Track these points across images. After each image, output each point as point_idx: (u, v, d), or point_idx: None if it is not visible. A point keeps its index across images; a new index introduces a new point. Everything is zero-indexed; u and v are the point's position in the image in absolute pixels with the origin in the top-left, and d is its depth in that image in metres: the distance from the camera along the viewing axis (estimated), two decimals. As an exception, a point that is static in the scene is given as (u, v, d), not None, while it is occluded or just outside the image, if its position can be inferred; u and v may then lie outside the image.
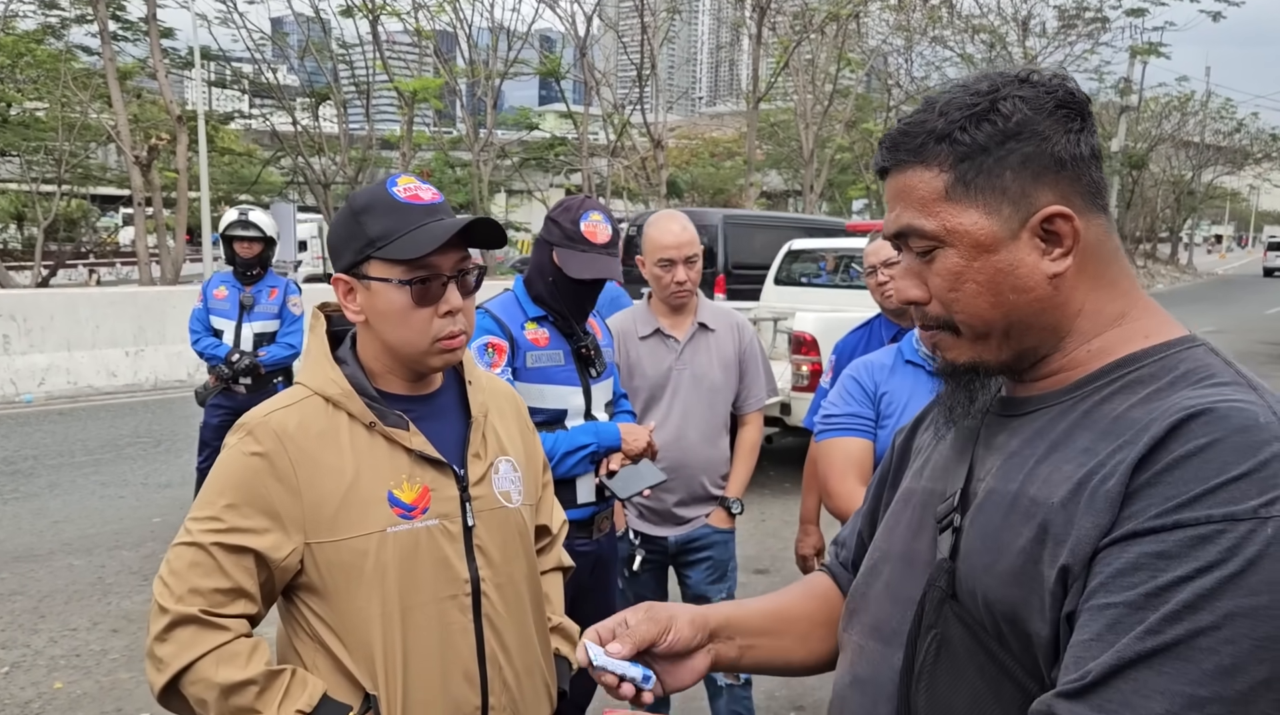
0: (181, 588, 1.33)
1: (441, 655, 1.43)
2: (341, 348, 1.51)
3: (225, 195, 25.24)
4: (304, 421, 1.41)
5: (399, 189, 1.43)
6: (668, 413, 2.86)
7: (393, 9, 19.37)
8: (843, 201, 33.03)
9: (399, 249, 1.38)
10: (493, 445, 1.56)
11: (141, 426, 8.42)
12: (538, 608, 1.61)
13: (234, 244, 4.94)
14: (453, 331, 1.44)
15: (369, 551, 1.38)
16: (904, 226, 0.93)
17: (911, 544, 0.99)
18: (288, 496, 1.37)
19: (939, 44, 25.35)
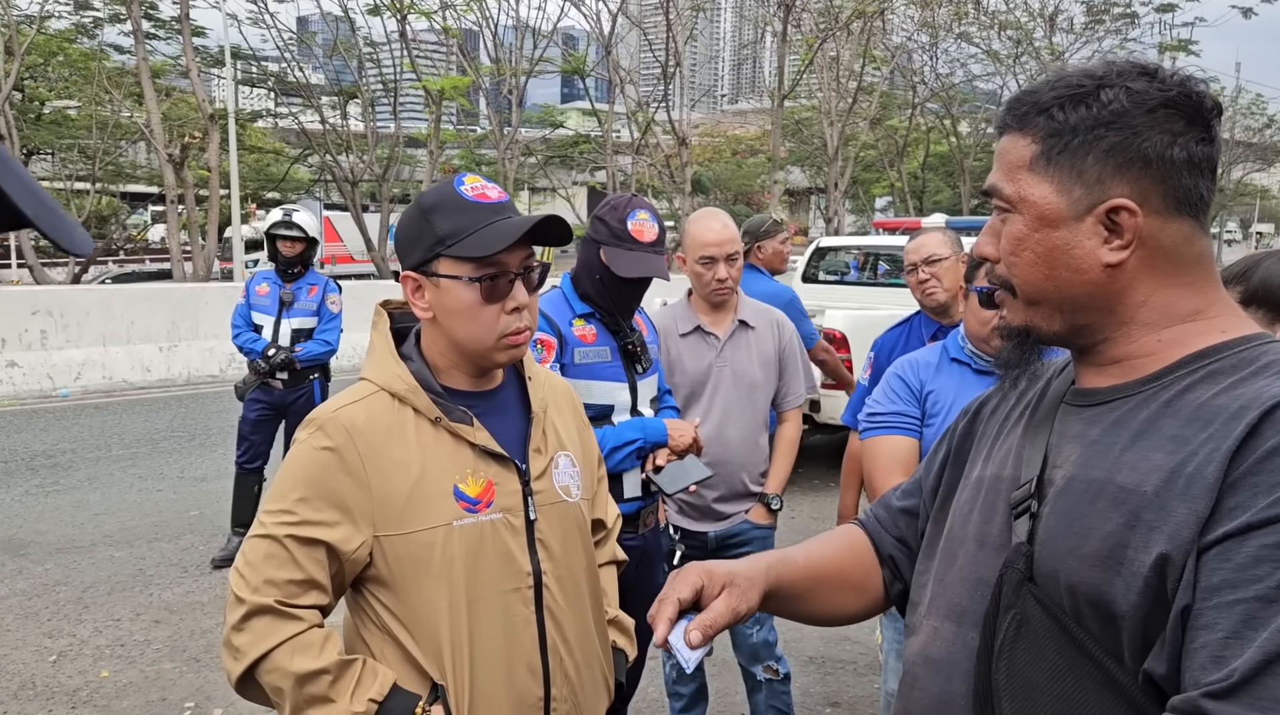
0: (257, 579, 1.36)
1: (506, 647, 1.45)
2: (406, 344, 1.54)
3: (253, 193, 25.47)
4: (372, 416, 1.43)
5: (466, 188, 1.45)
6: (708, 409, 2.89)
7: (420, 8, 19.47)
8: (866, 199, 32.89)
9: (469, 247, 1.41)
10: (552, 440, 1.59)
11: (176, 421, 8.53)
12: (596, 601, 1.63)
13: (277, 242, 5.02)
14: (519, 327, 1.46)
15: (436, 544, 1.41)
16: (990, 185, 0.98)
17: (984, 529, 1.01)
18: (357, 490, 1.39)
19: (964, 40, 25.15)
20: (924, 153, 30.05)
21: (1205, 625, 0.77)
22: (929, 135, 29.59)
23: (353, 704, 1.35)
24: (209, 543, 5.21)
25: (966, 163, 28.24)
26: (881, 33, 23.69)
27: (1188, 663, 0.77)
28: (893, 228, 10.60)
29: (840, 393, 6.16)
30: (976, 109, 29.88)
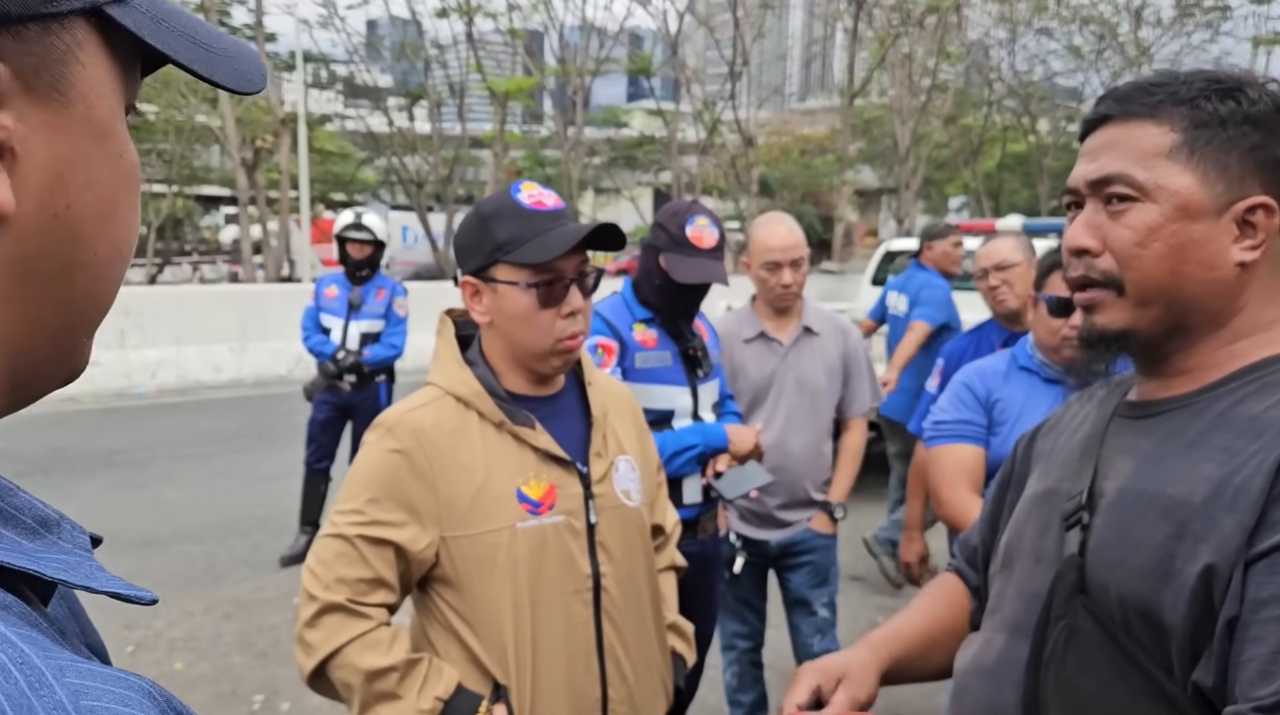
0: (329, 577, 1.41)
1: (566, 648, 1.47)
2: (470, 349, 1.58)
3: (321, 195, 26.09)
4: (438, 420, 1.47)
5: (523, 196, 1.49)
6: (771, 416, 2.83)
7: (487, 10, 19.69)
8: (939, 199, 32.27)
9: (526, 253, 1.44)
10: (612, 445, 1.60)
11: (246, 421, 8.73)
12: (655, 605, 1.64)
13: (346, 245, 5.08)
14: (573, 331, 1.49)
15: (500, 545, 1.44)
16: (1112, 173, 0.93)
17: (1038, 542, 1.02)
18: (425, 491, 1.43)
19: (1045, 35, 24.49)
20: (1000, 152, 29.37)
21: (1253, 639, 0.77)
22: (1005, 134, 28.90)
23: (419, 701, 1.38)
24: (277, 540, 5.30)
25: (1045, 162, 27.50)
26: (957, 28, 23.19)
27: (1236, 675, 0.77)
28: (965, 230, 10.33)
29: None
30: (1056, 107, 29.07)
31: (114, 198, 0.43)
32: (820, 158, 31.00)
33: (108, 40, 0.42)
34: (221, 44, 0.48)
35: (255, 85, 0.49)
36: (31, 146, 0.39)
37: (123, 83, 0.44)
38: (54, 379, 0.45)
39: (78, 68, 0.41)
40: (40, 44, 0.39)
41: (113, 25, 0.42)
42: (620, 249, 1.56)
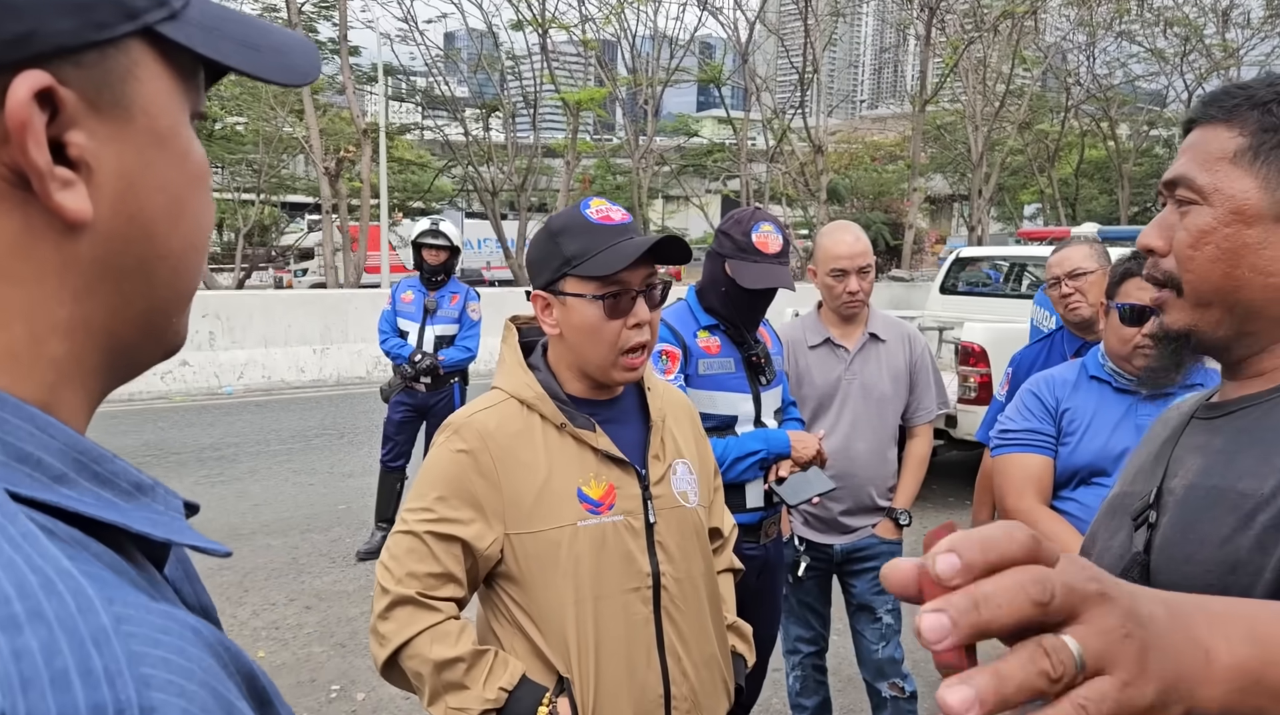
0: (400, 571, 1.47)
1: (627, 644, 1.51)
2: (533, 355, 1.64)
3: (399, 203, 26.71)
4: (502, 422, 1.53)
5: (591, 211, 1.55)
6: (835, 422, 2.87)
7: (561, 22, 19.98)
8: (1013, 206, 31.57)
9: (593, 267, 1.50)
10: (670, 448, 1.65)
11: (327, 419, 9.04)
12: (714, 604, 1.67)
13: (423, 251, 5.26)
14: (639, 342, 1.54)
15: (562, 543, 1.49)
16: (1178, 175, 0.95)
17: (1109, 543, 1.02)
18: (490, 490, 1.49)
19: (1126, 38, 23.79)
20: (1078, 158, 28.61)
21: None
22: (1083, 139, 28.14)
23: (485, 691, 1.43)
24: (355, 535, 5.50)
25: (1125, 168, 26.71)
26: (1033, 33, 22.71)
27: None
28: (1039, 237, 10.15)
29: (977, 408, 5.96)
30: (1138, 111, 28.19)
31: (182, 198, 0.49)
32: (890, 164, 30.61)
33: (164, 54, 0.47)
34: (272, 41, 0.53)
35: (306, 77, 0.55)
36: (102, 159, 0.45)
37: (183, 91, 0.49)
38: (151, 356, 0.52)
39: (136, 84, 0.46)
40: (100, 68, 0.44)
41: (166, 41, 0.47)
42: (685, 262, 1.60)
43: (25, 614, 0.34)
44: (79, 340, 0.47)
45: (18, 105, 0.41)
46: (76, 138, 0.44)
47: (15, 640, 0.33)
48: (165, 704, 0.36)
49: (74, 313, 0.46)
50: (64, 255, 0.45)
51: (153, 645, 0.37)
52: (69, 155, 0.44)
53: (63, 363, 0.46)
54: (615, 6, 20.92)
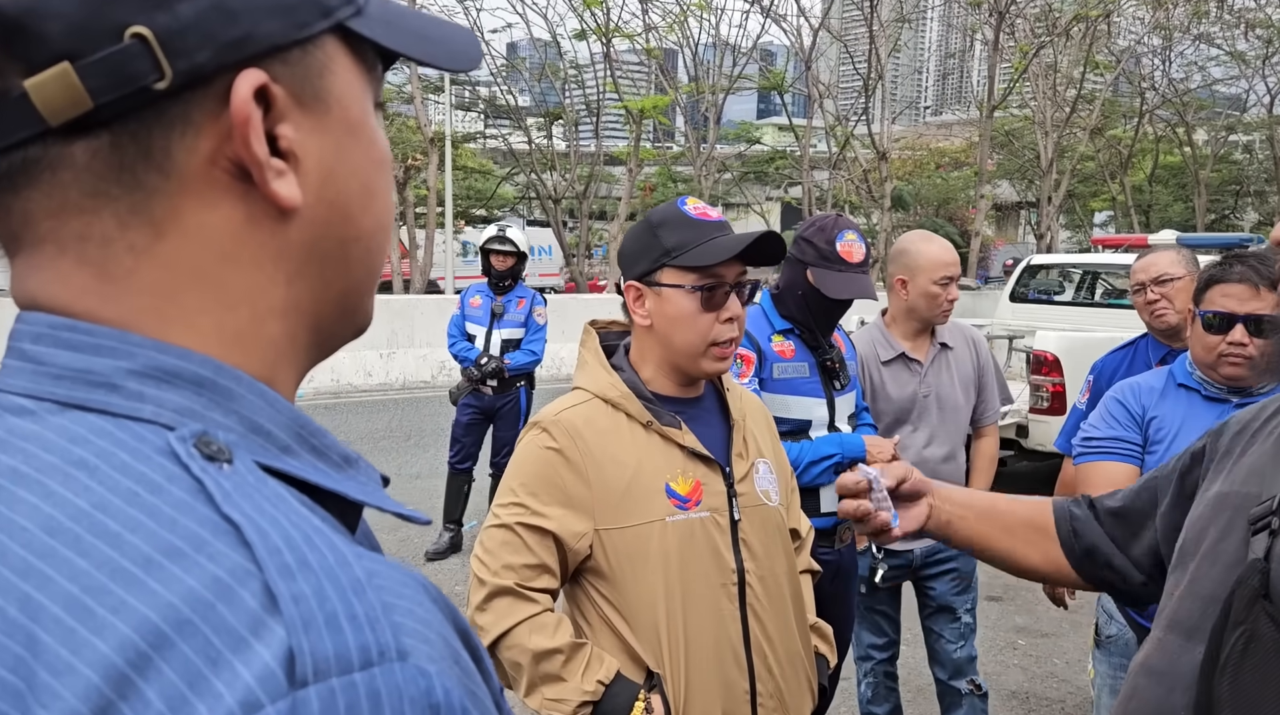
0: (496, 564, 1.49)
1: (716, 640, 1.52)
2: (616, 356, 1.66)
3: (463, 211, 27.11)
4: (590, 419, 1.55)
5: (690, 207, 1.58)
6: (912, 435, 2.86)
7: (624, 31, 20.11)
8: (1083, 213, 30.84)
9: (694, 257, 1.53)
10: (752, 447, 1.67)
11: (394, 422, 9.20)
12: (798, 603, 1.68)
13: (490, 257, 5.34)
14: (730, 336, 1.56)
15: (652, 537, 1.50)
16: None
17: (1219, 545, 1.01)
18: (580, 486, 1.50)
19: (1204, 41, 23.09)
20: (1152, 164, 27.83)
21: None
22: (1158, 145, 27.38)
23: (583, 684, 1.44)
24: (422, 536, 5.59)
25: (1202, 174, 25.90)
26: (1106, 36, 22.17)
27: None
28: (1115, 244, 9.90)
29: (1049, 418, 5.84)
30: (1216, 115, 27.33)
31: (372, 181, 0.53)
32: (955, 171, 30.14)
33: (352, 48, 0.51)
34: (440, 31, 0.57)
35: (472, 62, 0.58)
36: (307, 149, 0.48)
37: (368, 81, 0.53)
38: (345, 334, 0.56)
39: (332, 77, 0.50)
40: (302, 64, 0.48)
41: (355, 35, 0.50)
42: (778, 262, 1.63)
43: (296, 564, 0.38)
44: (292, 321, 0.51)
45: (241, 103, 0.45)
46: (285, 130, 0.47)
47: (292, 586, 0.37)
48: (415, 649, 0.39)
49: (287, 295, 0.50)
50: (278, 241, 0.49)
51: (397, 597, 0.41)
52: (279, 147, 0.47)
53: (280, 342, 0.50)
54: (678, 15, 20.99)
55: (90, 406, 0.43)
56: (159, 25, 0.43)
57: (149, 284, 0.46)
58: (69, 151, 0.44)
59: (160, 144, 0.45)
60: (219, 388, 0.45)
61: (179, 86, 0.44)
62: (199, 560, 0.37)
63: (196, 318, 0.47)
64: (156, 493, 0.39)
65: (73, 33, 0.42)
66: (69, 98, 0.42)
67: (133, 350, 0.44)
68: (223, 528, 0.39)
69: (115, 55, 0.42)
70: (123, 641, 0.34)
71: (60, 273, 0.46)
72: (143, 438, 0.42)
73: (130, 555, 0.37)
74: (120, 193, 0.45)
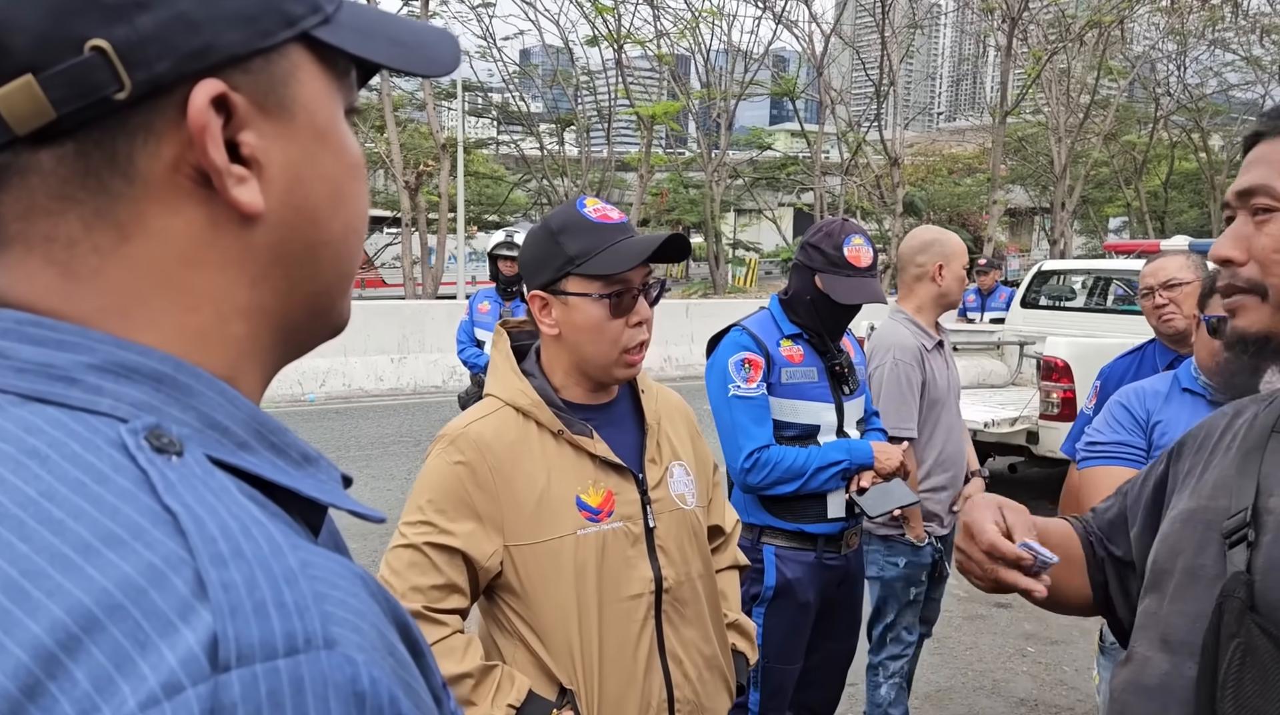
0: (403, 586, 1.43)
1: (631, 651, 1.50)
2: (526, 361, 1.60)
3: (475, 216, 27.21)
4: (499, 431, 1.50)
5: (589, 210, 1.52)
6: (953, 422, 2.93)
7: (636, 37, 20.16)
8: (1097, 219, 30.71)
9: (598, 265, 1.47)
10: (666, 451, 1.63)
11: (404, 427, 9.23)
12: (714, 605, 1.66)
13: (498, 262, 5.37)
14: (641, 340, 1.53)
15: (563, 552, 1.46)
16: (1255, 184, 0.97)
17: (1195, 560, 1.01)
18: (488, 501, 1.46)
19: (1219, 47, 22.98)
20: (1167, 170, 27.70)
21: None
22: (1173, 151, 27.24)
23: (493, 708, 1.41)
24: (431, 540, 5.61)
25: (1218, 180, 25.76)
26: (1120, 42, 22.09)
27: None
28: (1127, 250, 9.86)
29: (1059, 424, 5.81)
30: (1231, 121, 27.18)
31: (341, 186, 0.54)
32: (968, 177, 30.06)
33: (320, 56, 0.52)
34: (416, 36, 0.57)
35: (448, 67, 0.58)
36: (271, 155, 0.49)
37: (338, 88, 0.53)
38: (317, 335, 0.57)
39: (297, 85, 0.50)
40: (265, 72, 0.49)
41: (321, 44, 0.51)
42: (684, 259, 1.58)
43: (229, 553, 0.39)
44: (257, 321, 0.52)
45: (197, 112, 0.46)
46: (248, 137, 0.48)
47: (223, 574, 0.38)
48: (343, 637, 0.40)
49: (252, 296, 0.51)
50: (242, 244, 0.50)
51: (331, 587, 0.41)
52: (242, 154, 0.48)
53: (244, 342, 0.51)
54: (690, 21, 21.03)
55: (49, 399, 0.44)
56: (118, 38, 0.44)
57: (113, 284, 0.47)
58: (36, 158, 0.45)
59: (124, 151, 0.46)
60: (178, 384, 0.46)
61: (140, 96, 0.45)
62: (136, 547, 0.38)
63: (159, 317, 0.48)
64: (102, 482, 0.40)
65: (35, 45, 0.43)
66: (33, 108, 0.44)
67: (94, 346, 0.45)
68: (162, 517, 0.39)
69: (76, 67, 0.44)
70: (54, 623, 0.35)
71: (27, 271, 0.47)
72: (96, 430, 0.43)
73: (70, 541, 0.38)
74: (86, 197, 0.46)
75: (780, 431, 2.42)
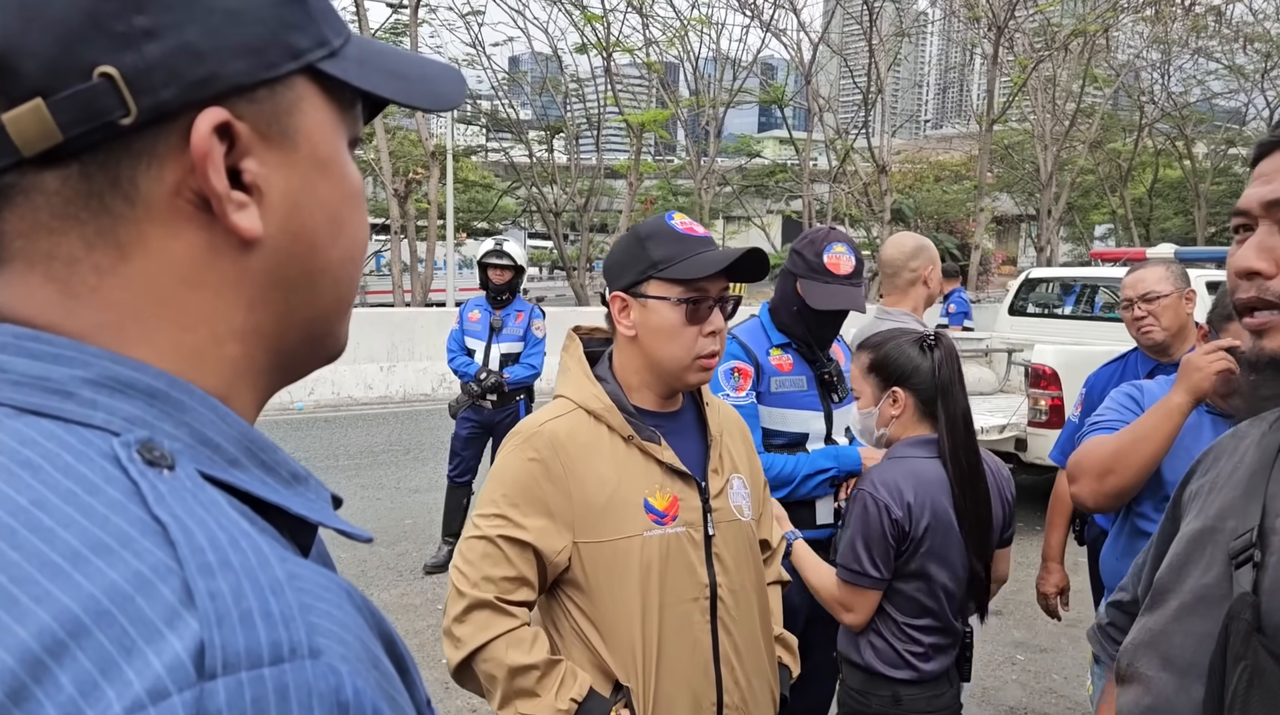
0: (476, 575, 1.50)
1: (687, 653, 1.54)
2: (599, 366, 1.67)
3: (464, 223, 27.15)
4: (573, 432, 1.56)
5: (677, 222, 1.61)
6: None
7: (625, 46, 20.20)
8: (1083, 226, 30.90)
9: (680, 270, 1.55)
10: (727, 462, 1.68)
11: (393, 436, 9.21)
12: (765, 616, 1.70)
13: (488, 271, 5.36)
14: (713, 350, 1.58)
15: (631, 552, 1.51)
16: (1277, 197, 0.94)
17: (1201, 580, 1.00)
18: (560, 498, 1.51)
19: (1203, 55, 23.18)
20: (1152, 177, 27.91)
21: None
22: (1158, 159, 27.45)
23: (557, 701, 1.45)
24: (421, 550, 5.59)
25: (1202, 188, 25.96)
26: (1105, 51, 22.25)
27: None
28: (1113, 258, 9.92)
29: (1048, 431, 5.84)
30: (1215, 129, 27.41)
31: (341, 215, 0.55)
32: (955, 184, 30.22)
33: (325, 88, 0.53)
34: (421, 71, 0.59)
35: (451, 102, 0.60)
36: (271, 183, 0.50)
37: (342, 120, 0.55)
38: (314, 360, 0.58)
39: (301, 116, 0.52)
40: (269, 103, 0.50)
41: (326, 76, 0.53)
42: (761, 279, 1.63)
43: (217, 563, 0.40)
44: (252, 344, 0.53)
45: (200, 139, 0.47)
46: (249, 165, 0.50)
47: (210, 583, 0.39)
48: (328, 648, 0.41)
49: (248, 319, 0.52)
50: (240, 269, 0.51)
51: (317, 599, 0.42)
52: (243, 181, 0.50)
53: (238, 363, 0.52)
54: (679, 30, 21.08)
55: (45, 412, 0.44)
56: (126, 65, 0.45)
57: (111, 302, 0.48)
58: (41, 178, 0.46)
59: (127, 174, 0.47)
60: (170, 399, 0.47)
61: (145, 122, 0.46)
62: (124, 556, 0.39)
63: (155, 334, 0.49)
64: (93, 493, 0.41)
65: (46, 70, 0.44)
66: (41, 131, 0.45)
67: (89, 360, 0.46)
68: (151, 527, 0.40)
69: (84, 93, 0.45)
70: (42, 628, 0.36)
71: (27, 287, 0.48)
72: (89, 442, 0.43)
73: (60, 550, 0.38)
74: (88, 217, 0.47)
75: (769, 440, 2.43)
